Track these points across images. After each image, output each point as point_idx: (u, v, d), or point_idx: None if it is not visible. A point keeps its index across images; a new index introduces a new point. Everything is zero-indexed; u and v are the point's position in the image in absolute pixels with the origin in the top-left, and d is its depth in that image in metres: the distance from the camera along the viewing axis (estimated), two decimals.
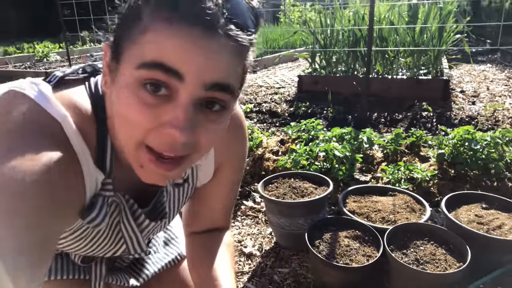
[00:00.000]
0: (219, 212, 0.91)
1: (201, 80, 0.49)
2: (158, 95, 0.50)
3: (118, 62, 0.52)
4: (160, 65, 0.48)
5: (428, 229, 1.62)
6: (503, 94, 4.57)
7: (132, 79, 0.50)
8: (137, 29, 0.49)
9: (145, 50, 0.48)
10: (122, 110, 0.52)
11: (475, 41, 10.87)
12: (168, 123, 0.50)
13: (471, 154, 2.29)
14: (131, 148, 0.54)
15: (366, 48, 4.20)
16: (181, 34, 0.47)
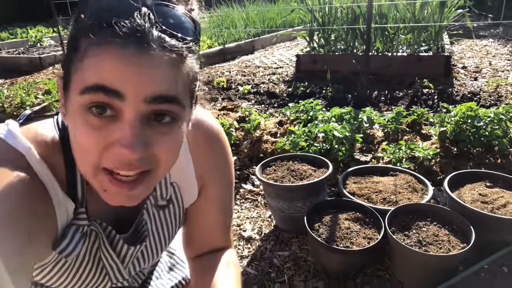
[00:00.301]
0: (214, 231, 0.87)
1: (141, 95, 0.50)
2: (104, 117, 0.51)
3: (67, 92, 0.54)
4: (101, 87, 0.49)
5: (430, 210, 1.58)
6: (505, 69, 4.48)
7: (78, 105, 0.51)
8: (77, 57, 0.51)
9: (86, 75, 0.50)
10: (75, 137, 0.53)
11: (476, 16, 10.67)
12: (117, 142, 0.51)
13: (474, 131, 2.23)
14: (90, 174, 0.55)
15: (365, 25, 4.09)
16: (116, 56, 0.49)
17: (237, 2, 10.16)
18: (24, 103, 3.62)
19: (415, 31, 4.46)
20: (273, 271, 1.68)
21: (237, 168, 2.56)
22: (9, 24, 11.43)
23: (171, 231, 0.82)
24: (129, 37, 0.49)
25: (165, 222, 0.79)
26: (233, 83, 4.56)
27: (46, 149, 0.61)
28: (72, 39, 0.53)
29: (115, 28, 0.48)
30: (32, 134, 0.61)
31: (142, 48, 0.49)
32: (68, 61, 0.54)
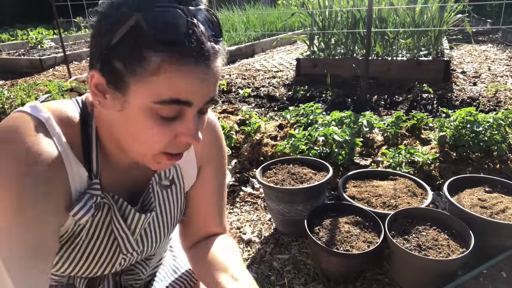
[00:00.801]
0: (210, 214, 0.93)
1: (203, 101, 0.63)
2: (171, 117, 0.62)
3: (123, 94, 0.60)
4: (176, 101, 0.59)
5: (430, 214, 1.59)
6: (504, 74, 4.50)
7: (149, 110, 0.60)
8: (144, 69, 0.57)
9: (160, 89, 0.58)
10: (139, 132, 0.63)
11: (476, 21, 10.72)
12: (182, 134, 0.64)
13: (473, 136, 2.24)
14: (149, 157, 0.66)
15: (365, 30, 4.11)
16: (189, 74, 0.58)
17: (238, 6, 10.20)
18: (24, 104, 3.62)
19: (414, 35, 4.48)
20: (273, 274, 1.68)
21: (237, 171, 2.57)
22: (10, 26, 11.44)
23: (174, 212, 0.87)
24: (196, 56, 0.57)
25: (168, 202, 0.85)
26: (233, 86, 4.57)
27: (65, 122, 0.68)
28: (133, 47, 0.57)
29: (184, 48, 0.56)
30: (54, 107, 0.69)
31: (208, 64, 0.59)
32: (122, 63, 0.58)
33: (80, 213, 0.68)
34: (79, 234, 0.74)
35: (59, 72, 5.87)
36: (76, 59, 6.85)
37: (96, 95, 0.63)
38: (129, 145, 0.66)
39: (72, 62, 6.61)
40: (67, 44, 8.46)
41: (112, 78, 0.60)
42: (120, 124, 0.64)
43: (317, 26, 5.03)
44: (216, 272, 0.82)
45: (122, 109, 0.62)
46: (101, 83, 0.62)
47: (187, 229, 0.95)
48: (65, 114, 0.69)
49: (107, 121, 0.68)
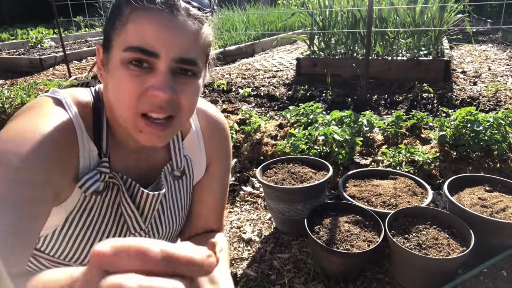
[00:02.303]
0: (211, 210, 0.97)
1: (171, 55, 0.65)
2: (141, 68, 0.65)
3: (108, 52, 0.67)
4: (141, 49, 0.63)
5: (430, 213, 1.59)
6: (505, 74, 4.50)
7: (120, 59, 0.65)
8: (120, 22, 0.64)
9: (128, 36, 0.64)
10: (116, 86, 0.66)
11: (476, 21, 10.71)
12: (152, 86, 0.65)
13: (473, 135, 2.24)
14: (129, 119, 0.68)
15: (365, 29, 4.11)
16: (154, 21, 0.63)
17: (238, 5, 10.19)
18: (24, 103, 3.62)
19: (415, 35, 4.48)
20: (273, 273, 1.68)
21: (237, 170, 2.56)
22: (10, 25, 11.43)
23: (184, 202, 0.93)
24: (164, 6, 0.63)
25: (179, 192, 0.90)
26: (233, 86, 4.57)
27: (80, 104, 0.74)
28: (115, 7, 0.66)
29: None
30: (71, 91, 0.76)
31: (173, 15, 0.64)
32: (110, 26, 0.67)
33: (86, 184, 0.72)
34: (89, 214, 0.77)
35: (59, 72, 5.87)
36: (76, 59, 6.84)
37: (99, 69, 0.71)
38: (116, 110, 0.70)
39: (72, 62, 6.60)
40: (67, 43, 8.46)
41: (105, 44, 0.68)
42: (110, 88, 0.69)
43: (317, 25, 5.03)
44: None
45: (108, 71, 0.68)
46: (101, 55, 0.69)
47: (187, 222, 0.99)
48: (81, 97, 0.75)
49: (106, 94, 0.73)
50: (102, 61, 0.70)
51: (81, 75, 5.36)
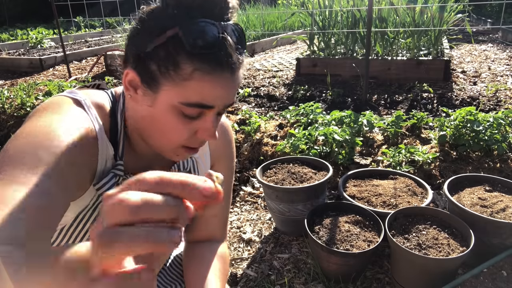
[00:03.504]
0: (214, 215, 1.00)
1: (223, 106, 0.71)
2: (193, 116, 0.70)
3: (154, 92, 0.69)
4: (201, 105, 0.68)
5: (430, 213, 1.59)
6: (505, 74, 4.50)
7: (176, 109, 0.69)
8: (178, 75, 0.66)
9: (188, 93, 0.67)
10: (162, 124, 0.71)
11: (476, 21, 10.72)
12: (202, 131, 0.72)
13: (473, 135, 2.24)
14: (171, 148, 0.75)
15: (365, 29, 4.11)
16: (216, 82, 0.67)
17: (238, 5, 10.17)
18: (24, 104, 3.62)
19: (414, 35, 4.48)
20: (273, 273, 1.68)
21: (237, 170, 2.56)
22: (10, 25, 11.43)
23: None
24: (227, 67, 0.66)
25: None
26: None
27: (99, 106, 0.76)
28: (169, 53, 0.65)
29: (216, 59, 0.65)
30: (89, 93, 0.77)
31: (233, 74, 0.68)
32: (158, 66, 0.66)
33: (104, 187, 0.74)
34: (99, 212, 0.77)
35: (59, 72, 5.87)
36: (76, 59, 6.84)
37: (128, 90, 0.71)
38: (152, 137, 0.75)
39: (72, 62, 6.60)
40: (67, 43, 8.45)
41: (147, 78, 0.68)
42: (147, 117, 0.72)
43: (317, 25, 5.03)
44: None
45: (152, 105, 0.70)
46: (135, 80, 0.70)
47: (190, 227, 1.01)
48: (99, 100, 0.77)
49: (134, 113, 0.76)
50: (131, 83, 0.71)
51: (81, 75, 5.36)
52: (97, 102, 0.77)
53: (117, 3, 6.97)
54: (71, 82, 4.17)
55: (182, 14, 0.65)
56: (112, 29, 10.59)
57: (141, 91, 0.70)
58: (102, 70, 5.92)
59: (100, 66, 6.14)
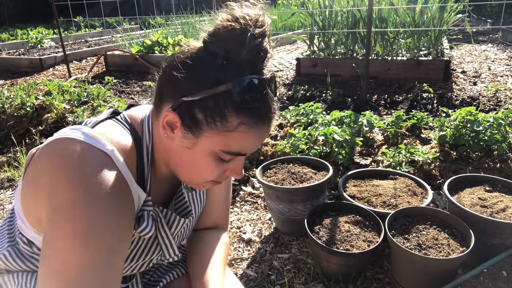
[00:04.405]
0: (219, 206, 1.06)
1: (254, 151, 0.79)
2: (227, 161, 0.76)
3: (196, 137, 0.71)
4: (239, 154, 0.74)
5: (430, 213, 1.59)
6: (505, 74, 4.50)
7: (215, 154, 0.73)
8: (224, 126, 0.69)
9: (231, 143, 0.71)
10: (197, 165, 0.75)
11: (475, 21, 10.72)
12: (231, 171, 0.79)
13: (473, 135, 2.24)
14: (199, 182, 0.80)
15: (365, 29, 4.11)
16: (257, 134, 0.72)
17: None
18: (24, 104, 3.62)
19: (414, 35, 4.48)
20: (273, 273, 1.68)
21: None
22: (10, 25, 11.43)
23: (197, 211, 0.99)
24: (266, 119, 0.71)
25: (194, 202, 0.97)
26: None
27: (125, 151, 0.75)
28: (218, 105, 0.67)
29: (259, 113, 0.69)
30: (113, 139, 0.75)
31: (270, 125, 0.73)
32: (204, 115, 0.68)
33: (146, 230, 0.76)
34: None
35: (59, 72, 5.87)
36: (76, 59, 6.84)
37: (165, 129, 0.73)
38: (183, 171, 0.78)
39: (72, 62, 6.60)
40: (67, 43, 8.45)
41: (190, 123, 0.70)
42: (182, 156, 0.75)
43: (317, 26, 5.03)
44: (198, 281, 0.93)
45: (191, 147, 0.73)
46: (175, 122, 0.71)
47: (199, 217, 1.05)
48: (123, 143, 0.76)
49: (166, 148, 0.78)
50: (170, 123, 0.72)
51: (81, 75, 5.36)
52: (122, 147, 0.76)
53: (117, 3, 6.97)
54: (71, 82, 4.16)
55: (233, 67, 0.67)
56: (112, 29, 10.60)
57: (180, 133, 0.72)
58: (102, 70, 5.92)
59: (100, 66, 6.14)
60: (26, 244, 0.81)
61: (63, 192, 0.64)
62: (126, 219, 0.69)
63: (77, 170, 0.65)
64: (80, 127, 0.73)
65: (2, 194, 2.57)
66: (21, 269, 0.86)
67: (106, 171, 0.67)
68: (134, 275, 0.96)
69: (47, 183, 0.66)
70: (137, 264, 0.88)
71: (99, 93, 3.73)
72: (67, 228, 0.62)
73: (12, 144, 3.26)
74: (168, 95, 0.72)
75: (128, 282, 0.95)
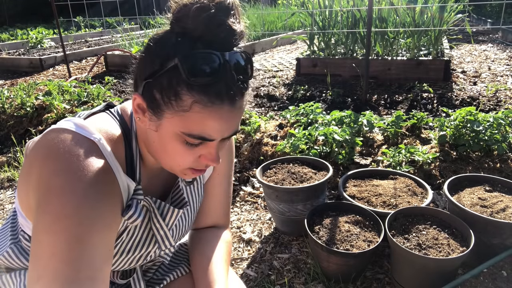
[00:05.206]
0: (219, 204, 1.05)
1: (226, 135, 0.71)
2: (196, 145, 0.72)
3: (159, 118, 0.69)
4: (201, 137, 0.69)
5: (430, 213, 1.59)
6: (505, 74, 4.50)
7: (175, 134, 0.69)
8: (179, 106, 0.66)
9: (189, 124, 0.67)
10: (169, 151, 0.72)
11: (475, 21, 10.72)
12: (204, 157, 0.74)
13: (473, 135, 2.24)
14: (178, 169, 0.77)
15: (365, 29, 4.11)
16: (216, 114, 0.66)
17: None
18: (24, 104, 3.62)
19: (414, 35, 4.48)
20: (273, 273, 1.68)
21: (237, 170, 2.56)
22: (10, 25, 11.43)
23: (196, 205, 0.99)
24: (225, 98, 0.65)
25: (192, 196, 0.97)
26: None
27: (113, 140, 0.76)
28: (171, 83, 0.65)
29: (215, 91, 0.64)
30: (102, 128, 0.76)
31: (233, 105, 0.67)
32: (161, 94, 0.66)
33: (133, 216, 0.75)
34: (120, 235, 0.82)
35: (59, 72, 5.87)
36: (76, 59, 6.84)
37: (137, 113, 0.72)
38: (161, 158, 0.76)
39: (72, 62, 6.60)
40: (67, 43, 8.45)
41: (151, 104, 0.69)
42: (155, 140, 0.74)
43: (317, 26, 5.03)
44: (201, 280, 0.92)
45: (157, 130, 0.71)
46: (142, 105, 0.70)
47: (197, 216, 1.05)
48: (111, 133, 0.77)
49: (144, 134, 0.77)
50: (139, 106, 0.71)
51: (81, 75, 5.36)
52: (110, 136, 0.76)
53: (117, 3, 6.97)
54: (71, 82, 4.16)
55: (185, 43, 0.65)
56: (112, 29, 10.60)
57: (147, 115, 0.71)
58: (102, 70, 5.92)
59: (100, 66, 6.14)
60: (28, 241, 0.82)
61: (47, 179, 0.65)
62: (108, 207, 0.69)
63: (62, 157, 0.66)
64: (73, 118, 0.75)
65: (2, 194, 2.57)
66: (24, 266, 0.87)
67: (92, 159, 0.68)
68: (134, 271, 0.96)
69: (36, 173, 0.67)
70: (134, 257, 0.88)
71: (99, 93, 3.73)
72: (47, 215, 0.63)
73: (12, 144, 3.26)
74: (138, 80, 0.72)
75: (129, 278, 0.95)
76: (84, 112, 0.81)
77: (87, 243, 0.63)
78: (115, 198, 0.73)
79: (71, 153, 0.67)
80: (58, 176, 0.65)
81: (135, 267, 0.95)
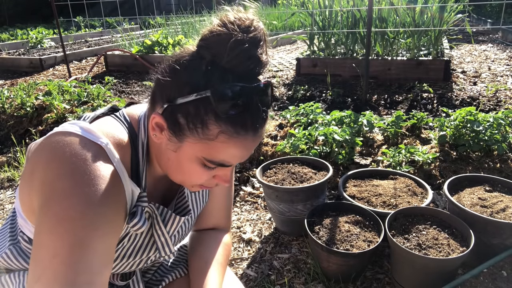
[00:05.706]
0: (221, 207, 1.05)
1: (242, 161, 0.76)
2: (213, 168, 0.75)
3: (180, 141, 0.71)
4: (221, 164, 0.73)
5: (430, 213, 1.59)
6: (505, 74, 4.50)
7: (196, 158, 0.72)
8: (205, 134, 0.68)
9: (212, 152, 0.70)
10: (185, 170, 0.75)
11: (475, 21, 10.72)
12: (219, 177, 0.78)
13: (473, 135, 2.24)
14: (189, 185, 0.80)
15: (365, 29, 4.10)
16: (240, 144, 0.70)
17: (237, 5, 10.19)
18: (24, 104, 3.62)
19: (414, 35, 4.48)
20: (273, 273, 1.68)
21: (237, 170, 2.56)
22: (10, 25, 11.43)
23: (199, 210, 1.00)
24: (249, 129, 0.68)
25: (196, 202, 0.98)
26: None
27: (120, 146, 0.76)
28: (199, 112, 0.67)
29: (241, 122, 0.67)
30: (109, 133, 0.76)
31: (256, 134, 0.70)
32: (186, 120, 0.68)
33: (138, 224, 0.75)
34: (122, 240, 0.82)
35: (59, 72, 5.87)
36: (76, 59, 6.84)
37: (154, 130, 0.73)
38: (173, 173, 0.79)
39: (72, 62, 6.60)
40: (67, 43, 8.45)
41: (173, 127, 0.70)
42: (170, 158, 0.76)
43: (317, 26, 5.03)
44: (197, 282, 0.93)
45: (175, 151, 0.73)
46: (162, 124, 0.71)
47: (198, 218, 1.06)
48: (118, 138, 0.77)
49: (157, 148, 0.78)
50: (158, 125, 0.72)
51: (81, 75, 5.36)
52: (118, 141, 0.76)
53: (117, 3, 6.97)
54: (71, 82, 4.16)
55: (216, 73, 0.67)
56: (112, 29, 10.60)
57: (166, 135, 0.72)
58: (102, 70, 5.92)
59: (100, 66, 6.14)
60: (27, 242, 0.82)
61: (52, 182, 0.65)
62: (112, 212, 0.69)
63: (68, 161, 0.66)
64: (78, 121, 0.74)
65: (2, 194, 2.57)
66: (23, 267, 0.87)
67: (99, 163, 0.68)
68: (134, 273, 0.96)
69: (40, 176, 0.67)
70: (134, 261, 0.88)
71: (99, 93, 3.73)
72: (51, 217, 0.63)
73: (12, 144, 3.26)
74: (158, 98, 0.72)
75: (128, 280, 0.95)
76: (89, 115, 0.80)
77: (89, 247, 0.63)
78: (120, 203, 0.72)
79: (78, 157, 0.67)
80: (63, 179, 0.64)
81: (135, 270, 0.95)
